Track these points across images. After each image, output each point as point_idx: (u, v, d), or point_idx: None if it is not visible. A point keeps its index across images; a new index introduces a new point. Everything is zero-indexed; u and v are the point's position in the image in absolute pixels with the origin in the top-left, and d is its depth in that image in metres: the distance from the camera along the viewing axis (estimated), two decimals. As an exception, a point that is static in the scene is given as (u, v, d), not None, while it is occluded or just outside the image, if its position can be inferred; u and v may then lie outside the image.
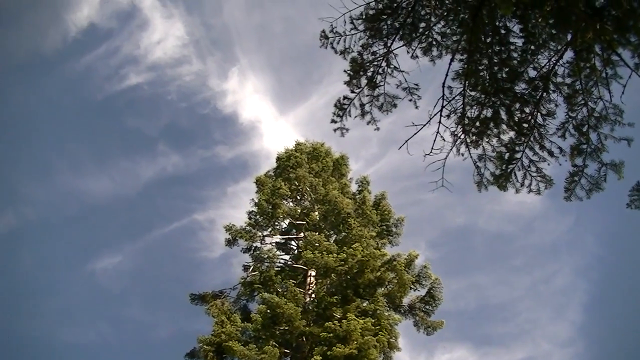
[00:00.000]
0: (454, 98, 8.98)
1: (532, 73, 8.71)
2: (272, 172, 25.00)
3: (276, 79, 53.98)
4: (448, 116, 9.13)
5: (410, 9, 8.53)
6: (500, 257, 48.44)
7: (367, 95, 9.41)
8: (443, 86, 8.91)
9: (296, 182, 23.50)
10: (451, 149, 9.31)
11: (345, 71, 9.25)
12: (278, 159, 24.86)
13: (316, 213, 22.73)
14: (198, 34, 49.90)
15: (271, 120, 51.10)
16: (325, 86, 49.16)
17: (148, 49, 47.59)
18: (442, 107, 9.02)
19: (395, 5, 8.58)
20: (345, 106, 9.49)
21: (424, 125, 9.03)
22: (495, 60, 8.62)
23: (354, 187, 24.77)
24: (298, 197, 24.00)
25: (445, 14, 8.61)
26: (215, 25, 50.72)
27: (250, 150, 51.39)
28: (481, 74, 8.75)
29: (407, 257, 20.37)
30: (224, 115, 51.65)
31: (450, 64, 8.75)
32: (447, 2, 8.48)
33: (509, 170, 9.28)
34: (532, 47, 8.49)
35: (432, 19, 8.70)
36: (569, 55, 8.34)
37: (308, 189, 23.34)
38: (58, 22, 44.87)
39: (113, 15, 46.55)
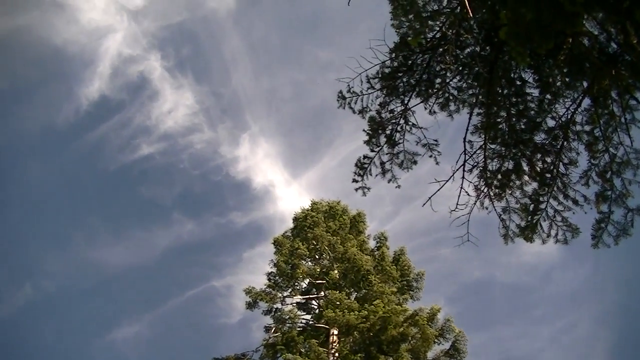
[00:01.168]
0: (475, 152, 8.98)
1: (551, 123, 8.71)
2: (289, 232, 24.93)
3: (287, 143, 54.48)
4: (470, 170, 9.11)
5: (425, 65, 8.59)
6: (520, 309, 47.65)
7: (387, 154, 9.43)
8: (464, 141, 8.91)
9: (314, 242, 23.40)
10: (475, 203, 9.25)
11: (364, 130, 9.30)
12: (295, 219, 24.83)
13: (335, 271, 22.54)
14: (208, 102, 50.61)
15: (284, 184, 51.27)
16: (336, 148, 49.63)
17: (159, 119, 48.17)
18: (465, 161, 9.01)
19: (410, 62, 8.65)
20: (366, 165, 9.49)
21: (447, 180, 9.01)
22: (513, 112, 8.63)
23: (372, 244, 24.62)
24: (317, 256, 23.85)
25: (461, 68, 8.66)
26: (225, 93, 51.47)
27: (265, 215, 51.36)
28: (500, 126, 8.75)
29: (429, 312, 20.08)
30: (237, 181, 51.93)
31: (469, 118, 8.77)
32: (462, 57, 8.54)
33: (534, 221, 9.18)
34: (549, 97, 8.50)
35: (448, 74, 8.76)
36: (586, 102, 8.35)
37: (326, 247, 23.21)
38: (70, 96, 45.68)
39: (123, 87, 47.23)
